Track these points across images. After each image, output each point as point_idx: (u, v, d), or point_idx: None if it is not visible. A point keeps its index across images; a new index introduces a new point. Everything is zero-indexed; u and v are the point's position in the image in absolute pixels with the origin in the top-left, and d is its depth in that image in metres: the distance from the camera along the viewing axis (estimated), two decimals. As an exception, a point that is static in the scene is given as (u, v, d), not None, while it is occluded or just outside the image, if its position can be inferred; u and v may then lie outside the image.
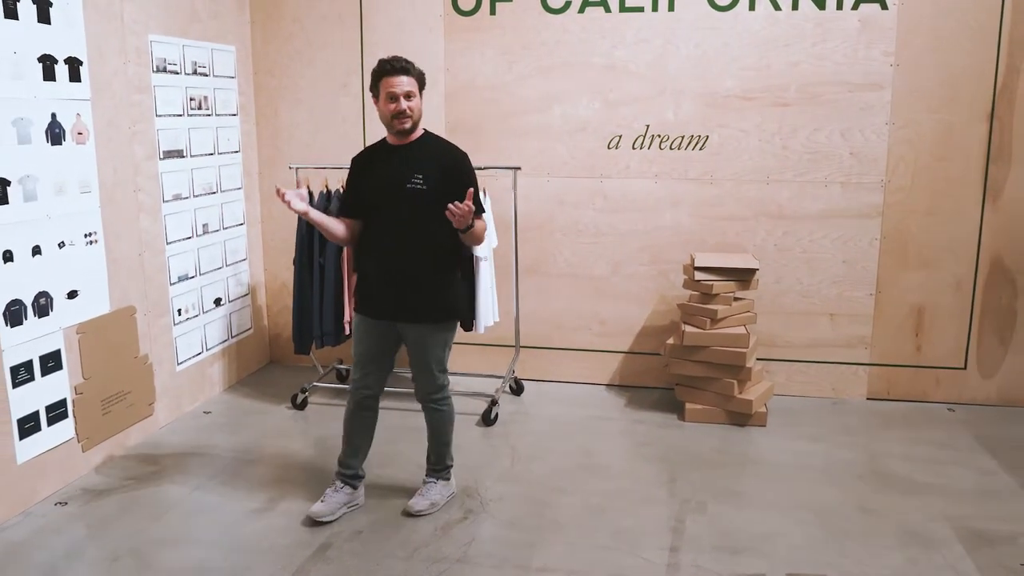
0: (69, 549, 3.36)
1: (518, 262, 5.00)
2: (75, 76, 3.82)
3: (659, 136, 4.90)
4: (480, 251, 4.61)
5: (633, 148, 4.94)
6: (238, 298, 5.26)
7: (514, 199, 4.81)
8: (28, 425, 3.66)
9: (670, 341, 4.72)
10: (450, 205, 3.23)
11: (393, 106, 3.36)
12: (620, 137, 4.94)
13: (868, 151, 4.73)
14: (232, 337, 5.22)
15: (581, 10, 4.84)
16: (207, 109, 4.81)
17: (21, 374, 3.62)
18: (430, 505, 3.65)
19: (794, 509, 3.69)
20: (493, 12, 4.94)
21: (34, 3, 3.57)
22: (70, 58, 3.78)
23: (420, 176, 3.39)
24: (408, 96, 3.36)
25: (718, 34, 4.74)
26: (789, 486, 3.92)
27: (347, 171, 3.66)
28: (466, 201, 3.26)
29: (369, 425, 3.74)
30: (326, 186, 4.78)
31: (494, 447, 4.37)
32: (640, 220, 5.02)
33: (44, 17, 3.62)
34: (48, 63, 3.66)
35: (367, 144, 5.14)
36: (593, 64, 4.89)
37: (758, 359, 4.84)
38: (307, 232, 4.70)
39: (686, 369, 4.65)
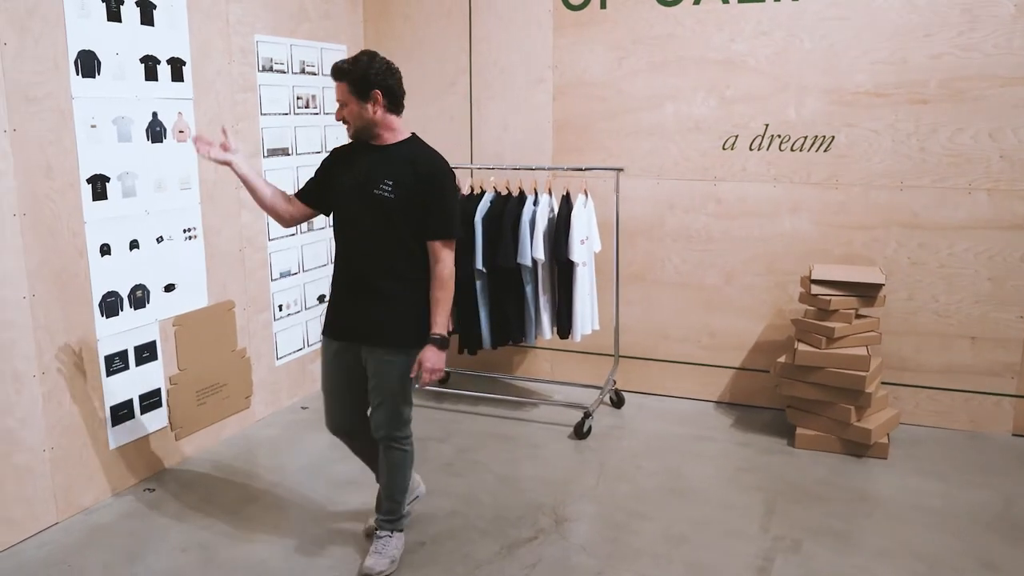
0: (148, 535, 3.45)
1: (621, 268, 4.77)
2: (177, 76, 3.92)
3: (779, 136, 4.51)
4: (578, 256, 4.41)
5: (750, 149, 4.58)
6: (343, 295, 5.29)
7: (616, 202, 4.58)
8: (121, 412, 3.79)
9: (781, 359, 4.34)
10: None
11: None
12: (736, 137, 4.59)
13: (1021, 154, 4.16)
14: (337, 334, 5.26)
15: (696, 2, 4.53)
16: (314, 108, 4.85)
17: (115, 363, 3.75)
18: (390, 563, 3.19)
19: (904, 558, 3.27)
20: (604, 6, 4.71)
21: (138, 6, 3.68)
22: (173, 58, 3.88)
23: (390, 182, 2.98)
24: (341, 104, 3.03)
25: (847, 24, 4.30)
26: (903, 530, 3.48)
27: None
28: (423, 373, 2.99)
29: (373, 457, 3.33)
30: (427, 185, 4.71)
31: (581, 463, 4.16)
32: (756, 227, 4.65)
33: (147, 19, 3.73)
34: (150, 64, 3.77)
35: (472, 144, 5.14)
36: (708, 59, 4.57)
37: (883, 383, 4.37)
38: (405, 232, 4.65)
39: (798, 391, 4.26)
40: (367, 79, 2.95)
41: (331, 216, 3.21)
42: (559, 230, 4.44)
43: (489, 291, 4.61)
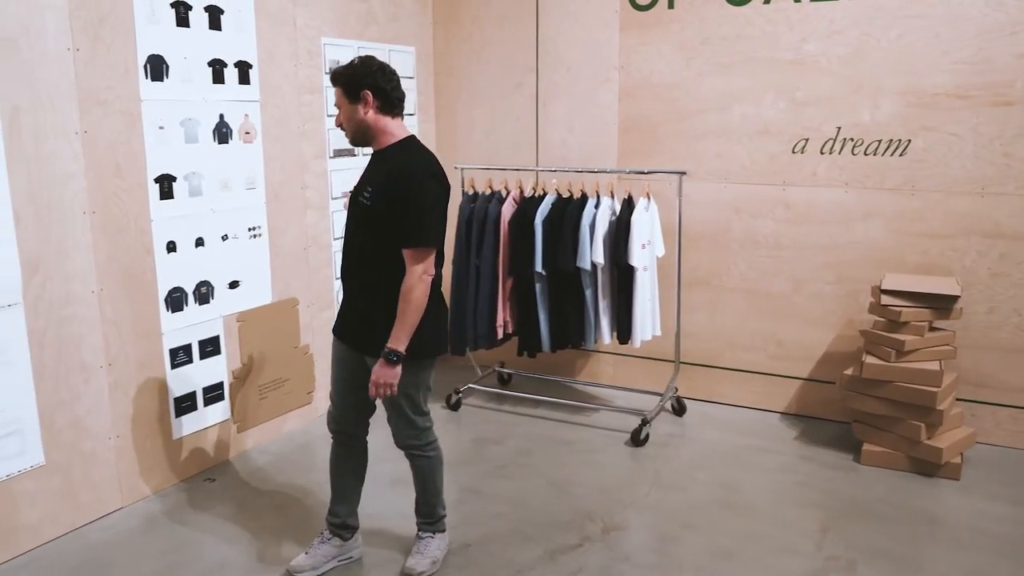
0: (204, 525, 3.56)
1: (685, 273, 4.68)
2: (244, 79, 4.03)
3: (852, 140, 4.34)
4: (639, 261, 4.34)
5: (821, 153, 4.42)
6: (410, 294, 5.36)
7: (679, 206, 4.49)
8: (185, 404, 3.93)
9: (848, 371, 4.17)
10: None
11: None
12: (807, 140, 4.44)
13: (1117, 161, 3.90)
14: (402, 332, 5.33)
15: (767, 1, 4.40)
16: (382, 109, 4.92)
17: (180, 356, 3.89)
18: (431, 564, 3.20)
19: (966, 585, 3.12)
20: (671, 6, 4.62)
21: (206, 11, 3.80)
22: (240, 62, 3.99)
23: (370, 189, 2.93)
24: (337, 108, 2.99)
25: (927, 23, 4.10)
26: (967, 557, 3.30)
27: (496, 171, 3.50)
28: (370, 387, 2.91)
29: (349, 468, 3.27)
30: (490, 186, 4.72)
31: (635, 470, 4.10)
32: (827, 233, 4.49)
33: (215, 24, 3.85)
34: (217, 67, 3.89)
35: (538, 145, 5.12)
36: (779, 60, 4.43)
37: (959, 400, 4.16)
38: (465, 233, 4.68)
39: (864, 405, 4.09)
40: (356, 79, 2.90)
41: None
42: (619, 234, 4.38)
43: (548, 294, 4.58)
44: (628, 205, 4.43)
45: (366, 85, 2.89)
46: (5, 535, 3.23)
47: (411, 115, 5.18)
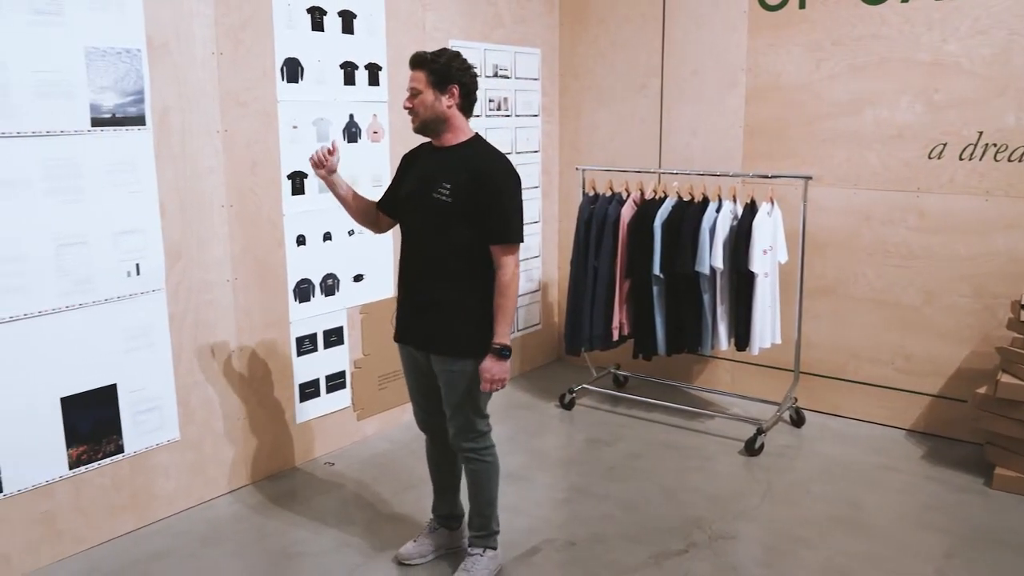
0: (322, 507, 3.73)
1: (809, 281, 4.54)
2: (374, 80, 4.19)
3: (994, 145, 4.10)
4: (759, 266, 4.25)
5: (960, 159, 4.20)
6: (527, 293, 5.43)
7: (803, 211, 4.36)
8: (308, 391, 4.12)
9: (982, 390, 3.95)
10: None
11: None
12: (944, 146, 4.22)
13: None
14: (518, 331, 5.41)
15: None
16: (506, 110, 5.01)
17: (305, 345, 4.08)
18: None
19: (1103, 625, 2.91)
20: (802, 6, 4.50)
21: (340, 16, 3.98)
22: (370, 64, 4.15)
23: (448, 186, 2.85)
24: (413, 92, 2.91)
25: (1083, 21, 3.85)
26: (1108, 594, 3.09)
27: (617, 173, 3.47)
28: (483, 383, 2.89)
29: (444, 463, 3.28)
30: (610, 187, 4.72)
31: (748, 480, 4.01)
32: (963, 244, 4.25)
33: (348, 28, 4.02)
34: (349, 69, 4.06)
35: (661, 147, 5.08)
36: (916, 60, 4.23)
37: (1107, 426, 3.87)
38: (584, 234, 4.70)
39: (999, 426, 3.86)
40: (449, 71, 2.87)
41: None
42: (740, 239, 4.30)
43: (666, 297, 4.54)
44: (751, 209, 4.34)
45: (457, 80, 2.88)
46: (143, 503, 3.49)
47: (535, 116, 5.24)
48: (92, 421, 3.30)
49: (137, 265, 3.35)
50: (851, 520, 3.63)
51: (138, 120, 3.28)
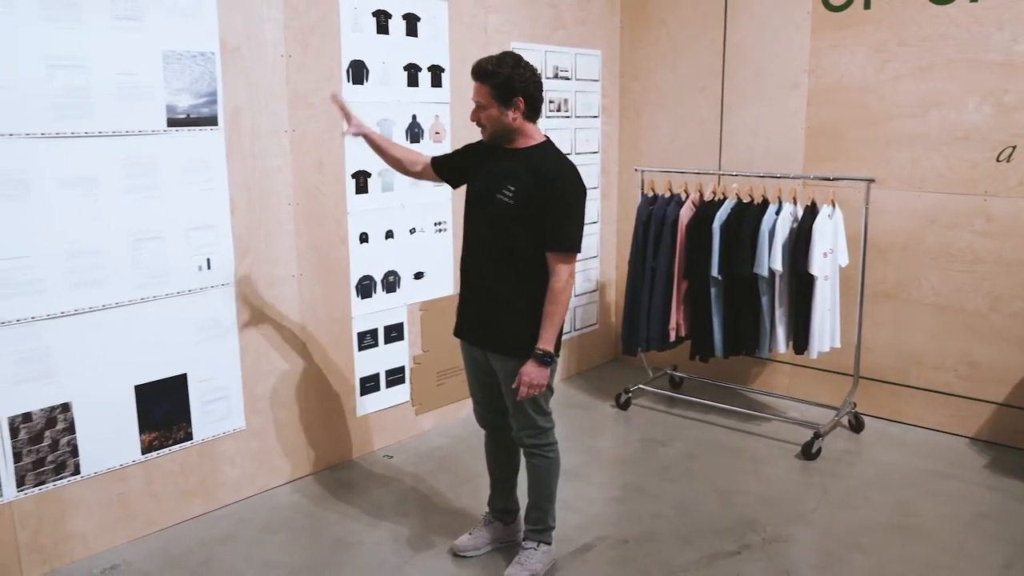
0: (379, 498, 3.83)
1: (871, 285, 4.49)
2: (436, 82, 4.27)
3: (1067, 148, 4.01)
4: (819, 269, 4.22)
5: (1030, 162, 4.11)
6: (585, 293, 5.46)
7: (865, 214, 4.30)
8: (369, 384, 4.23)
9: (1049, 398, 3.87)
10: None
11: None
12: (1014, 148, 4.13)
13: None
14: (575, 330, 5.45)
15: (975, -1, 4.15)
16: (566, 111, 5.05)
17: (366, 340, 4.18)
18: None
19: None
20: (867, 6, 4.44)
21: (404, 19, 4.07)
22: (433, 66, 4.24)
23: (512, 188, 2.87)
24: (479, 107, 2.92)
25: None
26: None
27: (676, 174, 3.42)
28: (521, 387, 2.90)
29: (502, 457, 3.34)
30: (669, 188, 4.73)
31: (804, 483, 3.99)
32: (1033, 249, 4.17)
33: (412, 31, 4.11)
34: (412, 71, 4.15)
35: (721, 148, 5.07)
36: (985, 61, 4.15)
37: None
38: (642, 234, 4.71)
39: (1066, 436, 3.78)
40: (511, 85, 2.85)
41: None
42: (799, 241, 4.27)
43: (723, 299, 4.53)
44: (811, 212, 4.31)
45: (520, 92, 2.87)
46: (210, 488, 3.63)
47: (594, 117, 5.28)
48: (164, 409, 3.45)
49: (208, 260, 3.49)
50: (909, 527, 3.59)
51: (211, 120, 3.42)
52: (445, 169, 3.25)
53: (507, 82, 2.85)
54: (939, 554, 3.37)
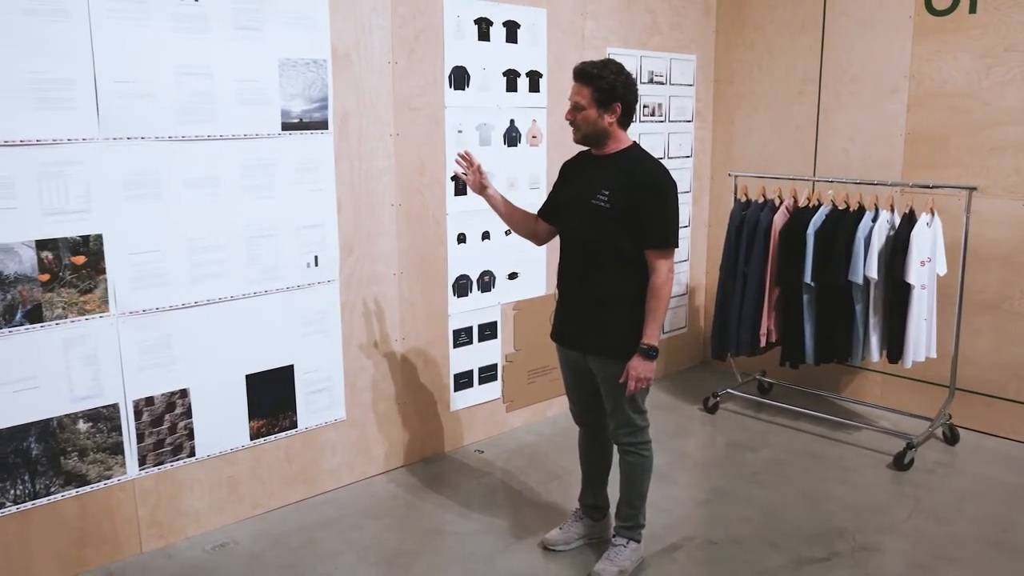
0: (470, 491, 3.95)
1: (971, 295, 4.40)
2: (534, 87, 4.38)
3: None
4: (916, 278, 4.16)
5: None
6: (675, 297, 5.49)
7: (966, 223, 4.23)
8: (462, 380, 4.36)
9: None
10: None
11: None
12: None
13: None
14: (664, 333, 5.48)
15: (1089, 4, 4.03)
16: (660, 116, 5.09)
17: (461, 337, 4.32)
18: (618, 573, 3.20)
19: None
20: (973, 10, 4.36)
21: (504, 26, 4.19)
22: (531, 71, 4.35)
23: (606, 192, 2.96)
24: (576, 107, 2.99)
25: None
26: None
27: (770, 179, 3.51)
28: (629, 381, 2.98)
29: (595, 454, 3.43)
30: (762, 194, 4.73)
31: (895, 494, 3.95)
32: None
33: (512, 38, 4.23)
34: (511, 77, 4.27)
35: (816, 154, 5.03)
36: (1098, 68, 4.04)
37: None
38: (735, 239, 4.72)
39: None
40: (613, 90, 2.95)
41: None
42: (896, 249, 4.22)
43: (816, 306, 4.51)
44: (909, 220, 4.25)
45: (619, 98, 2.96)
46: (312, 475, 3.82)
47: (688, 122, 5.30)
48: (271, 398, 3.65)
49: (316, 257, 3.68)
50: (1004, 543, 3.52)
51: (322, 124, 3.60)
52: (550, 214, 3.30)
53: (610, 88, 2.94)
54: (1036, 571, 3.32)
